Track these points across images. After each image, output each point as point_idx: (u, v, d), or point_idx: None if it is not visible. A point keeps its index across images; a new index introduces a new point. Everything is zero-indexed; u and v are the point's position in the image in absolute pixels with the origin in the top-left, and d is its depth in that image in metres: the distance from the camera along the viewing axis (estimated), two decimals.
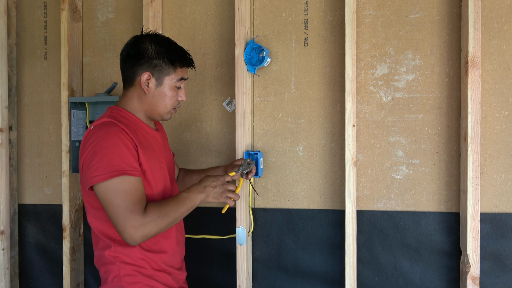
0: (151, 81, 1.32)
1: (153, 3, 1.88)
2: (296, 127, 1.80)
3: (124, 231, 1.16)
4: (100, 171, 1.17)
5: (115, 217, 1.17)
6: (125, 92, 1.37)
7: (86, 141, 1.24)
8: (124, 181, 1.18)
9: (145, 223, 1.17)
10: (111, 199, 1.17)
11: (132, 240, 1.17)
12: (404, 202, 1.70)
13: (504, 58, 1.59)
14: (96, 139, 1.21)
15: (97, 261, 1.34)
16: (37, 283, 2.16)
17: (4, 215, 2.08)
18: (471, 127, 1.53)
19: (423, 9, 1.66)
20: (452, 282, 1.65)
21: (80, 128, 1.99)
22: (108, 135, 1.22)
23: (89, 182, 1.19)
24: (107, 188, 1.17)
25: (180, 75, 1.37)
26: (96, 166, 1.18)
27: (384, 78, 1.71)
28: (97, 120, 1.31)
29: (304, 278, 1.81)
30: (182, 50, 1.38)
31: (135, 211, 1.16)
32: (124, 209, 1.16)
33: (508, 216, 1.59)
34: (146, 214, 1.18)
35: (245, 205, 1.76)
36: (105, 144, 1.20)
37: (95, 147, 1.20)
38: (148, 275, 1.30)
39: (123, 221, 1.15)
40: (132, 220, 1.16)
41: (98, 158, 1.18)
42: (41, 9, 2.14)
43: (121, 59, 1.37)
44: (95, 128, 1.25)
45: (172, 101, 1.37)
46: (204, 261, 1.93)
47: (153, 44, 1.32)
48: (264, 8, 1.83)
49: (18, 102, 2.17)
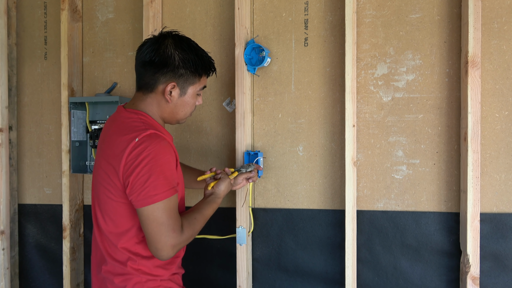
0: (174, 90, 1.27)
1: (153, 3, 1.88)
2: (296, 127, 1.80)
3: (164, 249, 1.16)
4: (158, 190, 1.15)
5: (157, 235, 1.15)
6: (144, 97, 1.30)
7: (137, 156, 1.16)
8: (172, 199, 1.18)
9: (182, 241, 1.20)
10: (158, 217, 1.15)
11: (167, 257, 1.18)
12: (404, 202, 1.70)
13: (504, 58, 1.59)
14: (150, 155, 1.15)
15: (111, 270, 1.28)
16: (37, 283, 2.16)
17: (4, 215, 2.08)
18: (471, 127, 1.53)
19: (423, 9, 1.66)
20: (452, 282, 1.65)
21: (80, 128, 1.99)
22: (162, 150, 1.18)
23: (146, 202, 1.15)
24: (159, 207, 1.15)
25: (203, 84, 1.35)
26: (153, 184, 1.14)
27: (384, 78, 1.71)
28: (134, 130, 1.21)
29: (304, 278, 1.81)
30: (207, 57, 1.33)
31: (176, 229, 1.18)
32: (167, 228, 1.16)
33: (508, 216, 1.59)
34: (183, 232, 1.20)
35: (245, 205, 1.76)
36: (160, 161, 1.16)
37: (150, 164, 1.15)
38: (167, 279, 1.32)
39: (165, 239, 1.16)
40: (173, 238, 1.17)
41: (155, 176, 1.15)
42: (41, 9, 2.14)
43: (140, 63, 1.28)
44: (143, 143, 1.17)
45: (192, 108, 1.36)
46: (204, 261, 1.93)
47: (179, 50, 1.25)
48: (264, 8, 1.83)
49: (18, 102, 2.17)
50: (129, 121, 1.25)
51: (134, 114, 1.27)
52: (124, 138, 1.20)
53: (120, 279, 1.26)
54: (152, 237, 1.16)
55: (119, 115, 1.30)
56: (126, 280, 1.26)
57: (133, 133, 1.20)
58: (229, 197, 1.87)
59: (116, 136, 1.23)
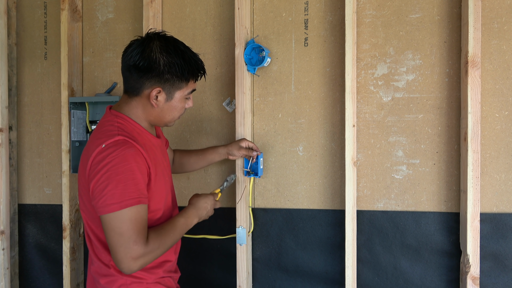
0: (160, 95, 1.23)
1: (153, 3, 1.88)
2: (296, 127, 1.80)
3: (123, 261, 1.11)
4: (115, 199, 1.10)
5: (115, 246, 1.11)
6: (129, 100, 1.26)
7: (99, 162, 1.13)
8: (133, 210, 1.12)
9: (145, 254, 1.13)
10: (116, 227, 1.10)
11: (128, 270, 1.12)
12: (404, 202, 1.70)
13: (504, 58, 1.59)
14: (111, 162, 1.12)
15: (97, 271, 1.28)
16: (37, 283, 2.16)
17: (4, 215, 2.08)
18: (471, 127, 1.53)
19: (423, 9, 1.66)
20: (452, 282, 1.65)
21: (80, 128, 1.99)
22: (125, 159, 1.13)
23: (103, 210, 1.11)
24: (116, 217, 1.10)
25: (191, 88, 1.29)
26: (111, 193, 1.10)
27: (384, 78, 1.71)
28: (105, 135, 1.18)
29: (304, 278, 1.81)
30: (195, 61, 1.27)
31: (138, 241, 1.11)
32: (127, 239, 1.10)
33: (508, 216, 1.59)
34: (148, 244, 1.14)
35: (245, 205, 1.76)
36: (121, 169, 1.11)
37: (110, 172, 1.11)
38: (153, 282, 1.30)
39: (124, 251, 1.10)
40: (133, 251, 1.11)
41: (113, 184, 1.10)
42: (41, 9, 2.14)
43: (125, 66, 1.23)
44: (108, 148, 1.14)
45: (180, 112, 1.32)
46: (204, 261, 1.93)
47: (164, 54, 1.20)
48: (264, 8, 1.83)
49: (18, 102, 2.17)
50: (106, 124, 1.23)
51: (114, 116, 1.24)
52: (95, 143, 1.17)
53: (105, 280, 1.25)
54: (112, 247, 1.12)
55: (103, 117, 1.29)
56: (111, 282, 1.24)
57: (103, 138, 1.17)
58: (229, 197, 1.87)
59: (92, 139, 1.22)
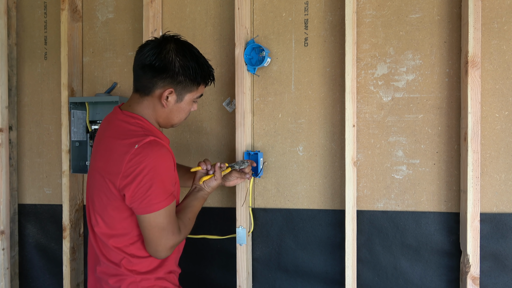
0: (171, 96, 1.26)
1: (153, 3, 1.88)
2: (296, 127, 1.80)
3: (163, 250, 1.23)
4: (159, 199, 1.19)
5: (157, 239, 1.21)
6: (140, 100, 1.28)
7: (137, 164, 1.15)
8: (171, 206, 1.23)
9: (179, 241, 1.27)
10: (159, 222, 1.20)
11: (165, 256, 1.25)
12: (404, 202, 1.70)
13: (504, 58, 1.59)
14: (151, 163, 1.16)
15: (105, 271, 1.29)
16: (37, 283, 2.16)
17: (4, 215, 2.08)
18: (471, 127, 1.53)
19: (423, 9, 1.66)
20: (452, 282, 1.65)
21: (80, 128, 1.99)
22: (163, 158, 1.19)
23: (148, 210, 1.18)
24: (160, 214, 1.20)
25: (200, 92, 1.34)
26: (155, 193, 1.18)
27: (384, 78, 1.71)
28: (133, 135, 1.20)
29: (304, 278, 1.81)
30: (207, 67, 1.33)
31: (175, 232, 1.24)
32: (168, 232, 1.22)
33: (508, 216, 1.59)
34: (181, 233, 1.27)
35: (245, 205, 1.76)
36: (161, 169, 1.18)
37: (151, 173, 1.16)
38: (161, 278, 1.33)
39: (165, 241, 1.22)
40: (172, 240, 1.23)
41: (156, 185, 1.18)
42: (41, 9, 2.14)
43: (139, 64, 1.25)
44: (144, 150, 1.17)
45: (187, 114, 1.36)
46: (204, 261, 1.93)
47: (180, 57, 1.24)
48: (264, 8, 1.83)
49: (18, 102, 2.17)
50: (127, 125, 1.24)
51: (131, 117, 1.26)
52: (123, 143, 1.19)
53: (114, 279, 1.27)
54: (153, 241, 1.22)
55: (115, 116, 1.29)
56: (121, 280, 1.27)
57: (132, 139, 1.19)
58: (229, 197, 1.87)
59: (113, 140, 1.22)
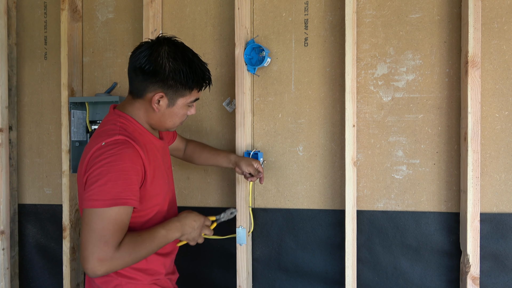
0: (162, 100, 1.22)
1: (153, 3, 1.88)
2: (296, 127, 1.80)
3: (89, 260, 1.05)
4: (101, 196, 1.09)
5: (86, 242, 1.07)
6: (133, 101, 1.26)
7: (95, 158, 1.12)
8: (115, 210, 1.09)
9: (114, 259, 1.08)
10: (91, 222, 1.08)
11: (92, 273, 1.06)
12: (404, 202, 1.70)
13: (504, 58, 1.59)
14: (106, 159, 1.11)
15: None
16: (37, 283, 2.16)
17: (4, 215, 2.08)
18: (471, 127, 1.53)
19: (423, 9, 1.66)
20: (452, 282, 1.65)
21: (80, 128, 1.99)
22: (121, 158, 1.12)
23: (87, 204, 1.10)
24: (95, 213, 1.08)
25: (194, 97, 1.28)
26: (98, 189, 1.09)
27: (384, 78, 1.71)
28: (107, 133, 1.18)
29: (304, 278, 1.81)
30: (201, 70, 1.25)
31: (109, 243, 1.07)
32: (99, 238, 1.06)
33: (508, 216, 1.59)
34: (119, 249, 1.09)
35: (245, 205, 1.76)
36: (114, 167, 1.11)
37: (103, 168, 1.10)
38: (149, 283, 1.29)
39: (92, 249, 1.05)
40: (102, 252, 1.06)
41: (102, 181, 1.09)
42: (41, 9, 2.14)
43: (131, 67, 1.23)
44: (108, 146, 1.14)
45: (182, 119, 1.31)
46: (204, 261, 1.93)
47: (171, 60, 1.19)
48: (264, 8, 1.83)
49: (18, 102, 2.17)
50: (109, 123, 1.24)
51: (117, 116, 1.25)
52: (96, 140, 1.17)
53: (100, 280, 1.25)
54: (82, 243, 1.08)
55: (107, 115, 1.30)
56: (106, 282, 1.24)
57: (104, 136, 1.17)
58: (229, 197, 1.87)
59: (93, 137, 1.22)
